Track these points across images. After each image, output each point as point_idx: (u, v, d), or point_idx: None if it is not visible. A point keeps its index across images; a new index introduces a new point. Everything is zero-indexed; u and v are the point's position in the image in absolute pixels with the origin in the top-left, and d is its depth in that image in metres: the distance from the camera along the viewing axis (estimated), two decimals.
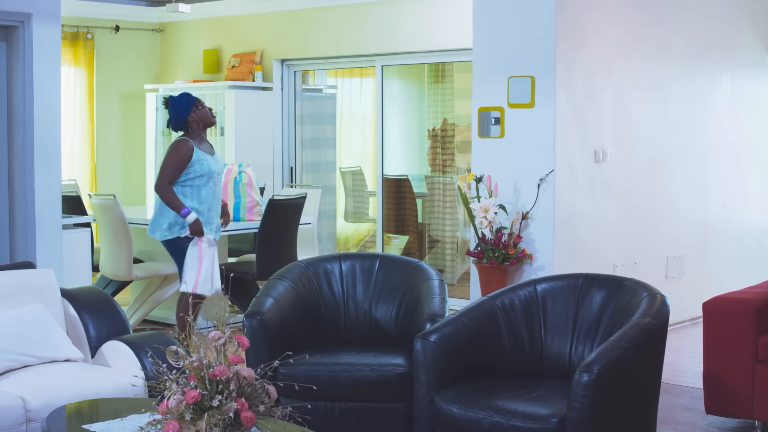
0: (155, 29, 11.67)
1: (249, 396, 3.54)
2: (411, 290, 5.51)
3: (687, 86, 8.43)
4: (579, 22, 7.29)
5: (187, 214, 6.66)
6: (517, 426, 4.29)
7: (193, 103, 6.79)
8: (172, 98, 6.83)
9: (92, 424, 4.03)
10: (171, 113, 6.80)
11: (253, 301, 5.30)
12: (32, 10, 6.67)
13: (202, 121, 6.82)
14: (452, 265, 10.26)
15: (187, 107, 6.78)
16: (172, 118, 6.80)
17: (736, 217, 9.08)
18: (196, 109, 6.80)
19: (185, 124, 6.79)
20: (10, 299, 5.15)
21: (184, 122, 6.79)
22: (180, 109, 6.77)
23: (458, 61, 9.83)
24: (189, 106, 6.78)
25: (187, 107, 6.78)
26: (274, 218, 7.81)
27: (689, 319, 8.46)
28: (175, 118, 6.79)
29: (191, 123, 6.79)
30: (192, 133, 6.81)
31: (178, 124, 6.80)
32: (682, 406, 6.18)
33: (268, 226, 7.80)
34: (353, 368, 5.05)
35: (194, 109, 6.79)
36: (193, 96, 6.85)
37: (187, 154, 6.69)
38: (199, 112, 6.80)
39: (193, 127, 6.79)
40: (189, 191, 6.74)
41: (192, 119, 6.78)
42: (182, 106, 6.78)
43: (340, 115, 11.32)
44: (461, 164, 10.27)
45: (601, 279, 5.04)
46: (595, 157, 7.48)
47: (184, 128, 6.81)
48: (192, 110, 6.78)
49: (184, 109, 6.77)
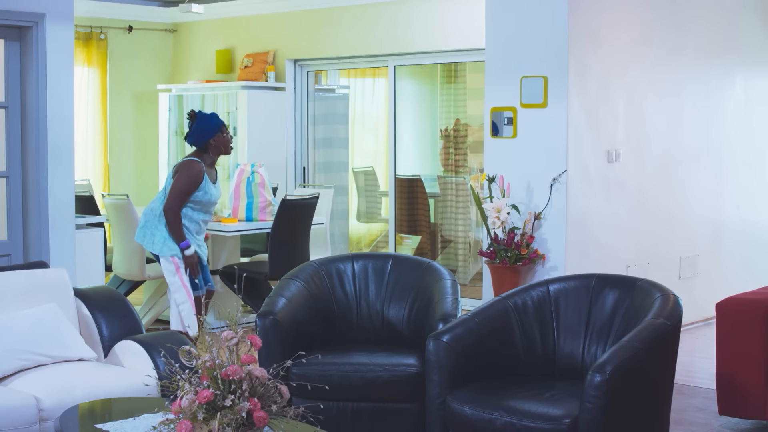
0: (168, 29, 11.69)
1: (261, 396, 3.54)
2: (423, 290, 5.51)
3: (700, 87, 8.41)
4: (592, 22, 7.27)
5: (186, 247, 6.69)
6: (530, 426, 4.29)
7: (220, 127, 6.78)
8: (201, 114, 6.81)
9: (105, 423, 4.04)
10: (196, 129, 6.75)
11: (265, 301, 5.30)
12: (46, 11, 6.69)
13: (222, 147, 6.82)
14: (465, 266, 10.26)
15: (214, 129, 6.75)
16: (196, 133, 6.74)
17: (749, 218, 9.06)
18: (221, 134, 6.79)
19: (205, 145, 6.77)
20: (24, 299, 5.17)
21: (206, 143, 6.76)
22: (207, 128, 6.74)
23: (471, 61, 9.82)
24: (216, 129, 6.76)
25: (214, 129, 6.75)
26: (287, 218, 7.82)
27: (702, 319, 8.44)
28: (198, 135, 6.74)
29: (211, 145, 6.78)
30: (206, 156, 6.79)
31: (198, 142, 6.76)
32: (695, 407, 6.16)
33: (281, 226, 7.81)
34: (366, 368, 5.05)
35: (218, 133, 6.77)
36: (221, 120, 6.84)
37: (198, 177, 6.69)
38: (221, 138, 6.79)
39: (211, 150, 6.79)
40: (184, 211, 6.75)
41: (213, 143, 6.77)
42: (210, 126, 6.74)
43: (353, 115, 11.32)
44: (474, 164, 10.27)
45: (614, 279, 5.03)
46: (608, 158, 7.46)
47: (203, 148, 6.78)
48: (216, 134, 6.77)
49: (211, 130, 6.74)
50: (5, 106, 6.72)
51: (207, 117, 6.79)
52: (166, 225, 6.72)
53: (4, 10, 6.53)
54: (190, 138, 6.78)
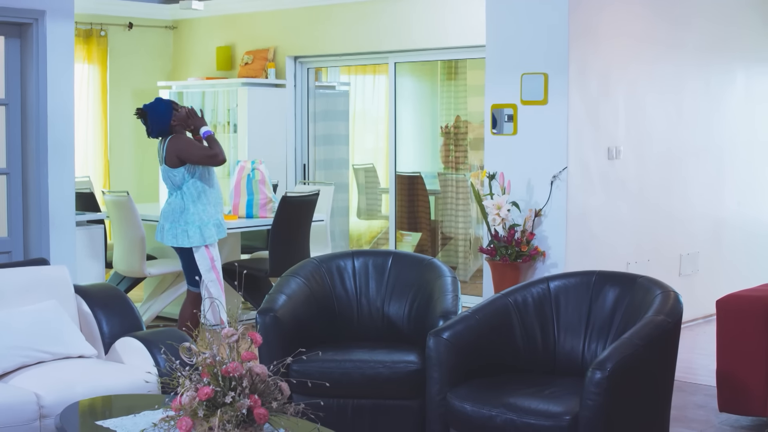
0: (168, 26, 11.69)
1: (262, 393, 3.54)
2: (424, 287, 5.51)
3: (700, 84, 8.41)
4: (592, 19, 7.27)
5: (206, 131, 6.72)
6: (530, 423, 4.29)
7: (170, 107, 6.74)
8: (148, 106, 6.75)
9: (105, 420, 4.04)
10: (152, 122, 6.70)
11: (266, 298, 5.30)
12: (46, 8, 6.68)
13: (184, 123, 6.78)
14: (465, 263, 10.26)
15: (167, 113, 6.71)
16: (156, 125, 6.70)
17: (750, 215, 9.06)
18: (175, 112, 6.75)
19: (169, 130, 6.73)
20: (24, 296, 5.17)
21: (168, 128, 6.72)
22: (161, 115, 6.69)
23: (471, 58, 9.82)
24: (168, 111, 6.72)
25: (167, 113, 6.71)
26: (287, 215, 7.82)
27: (703, 316, 8.44)
28: (159, 126, 6.71)
29: (174, 126, 6.74)
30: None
31: (162, 131, 6.73)
32: (695, 404, 6.17)
33: (281, 223, 7.81)
34: (366, 365, 5.05)
35: (173, 113, 6.74)
36: (166, 100, 6.79)
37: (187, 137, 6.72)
38: (178, 115, 6.76)
39: (177, 130, 6.75)
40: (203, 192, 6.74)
41: (174, 123, 6.74)
42: (161, 112, 6.70)
43: (353, 112, 11.32)
44: (474, 161, 10.26)
45: (615, 276, 5.03)
46: (608, 154, 7.46)
47: (169, 132, 6.75)
48: (172, 115, 6.73)
49: (165, 115, 6.70)
50: (5, 103, 6.72)
51: (154, 106, 6.73)
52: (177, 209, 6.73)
53: (5, 7, 6.53)
54: (154, 132, 6.74)
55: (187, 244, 6.76)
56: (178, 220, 6.76)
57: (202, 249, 6.77)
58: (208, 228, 6.77)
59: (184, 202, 6.74)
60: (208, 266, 6.80)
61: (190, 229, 6.74)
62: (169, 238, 6.79)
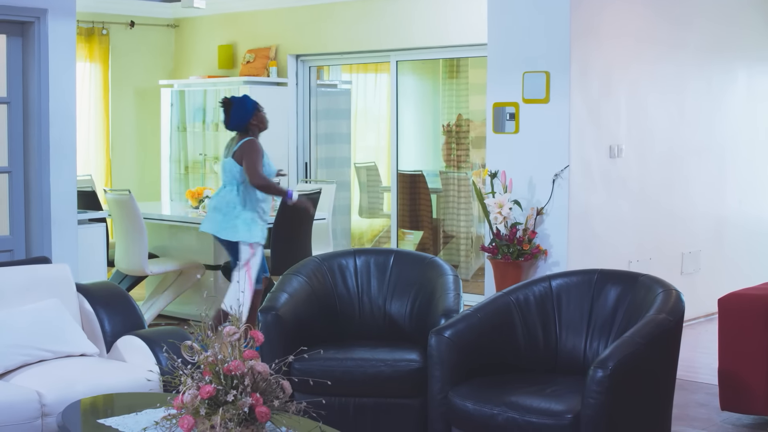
0: (170, 25, 11.68)
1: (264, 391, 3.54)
2: (425, 286, 5.51)
3: (702, 83, 8.41)
4: (594, 18, 7.27)
5: (292, 195, 7.00)
6: (532, 422, 4.29)
7: (256, 107, 7.06)
8: (235, 99, 7.07)
9: (107, 418, 4.04)
10: (234, 114, 7.01)
11: (267, 297, 5.31)
12: (48, 6, 6.69)
13: (261, 125, 7.09)
14: (467, 261, 10.26)
15: (251, 111, 7.02)
16: (236, 119, 7.01)
17: (751, 213, 9.05)
18: (258, 113, 7.06)
19: (246, 126, 7.02)
20: (26, 294, 5.17)
21: (247, 124, 7.02)
22: (244, 112, 7.00)
23: (473, 57, 9.81)
24: (253, 110, 7.03)
25: (251, 111, 7.02)
26: (289, 214, 7.81)
27: (704, 315, 8.44)
28: (238, 119, 7.01)
29: (252, 126, 7.04)
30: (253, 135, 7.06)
31: (240, 126, 7.03)
32: (697, 403, 6.17)
33: (283, 222, 7.81)
34: (368, 363, 5.06)
35: (256, 112, 7.05)
36: (254, 100, 7.10)
37: (262, 150, 6.99)
38: (259, 117, 7.07)
39: (254, 130, 7.06)
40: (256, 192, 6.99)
41: (253, 122, 7.04)
42: (246, 109, 7.01)
43: (355, 111, 11.32)
44: (476, 160, 10.26)
45: (616, 275, 5.03)
46: (610, 153, 7.46)
47: (245, 130, 7.04)
48: (254, 114, 7.03)
49: (249, 112, 7.01)
50: (7, 101, 6.72)
51: (242, 101, 7.06)
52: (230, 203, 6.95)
53: (6, 5, 6.53)
54: (231, 124, 7.05)
55: (233, 238, 6.97)
56: (230, 213, 6.99)
57: (246, 246, 6.98)
58: (256, 225, 6.99)
59: (238, 197, 6.98)
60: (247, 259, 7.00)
61: (240, 225, 6.96)
62: (219, 229, 7.01)
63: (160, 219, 8.58)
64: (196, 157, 11.14)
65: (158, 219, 8.57)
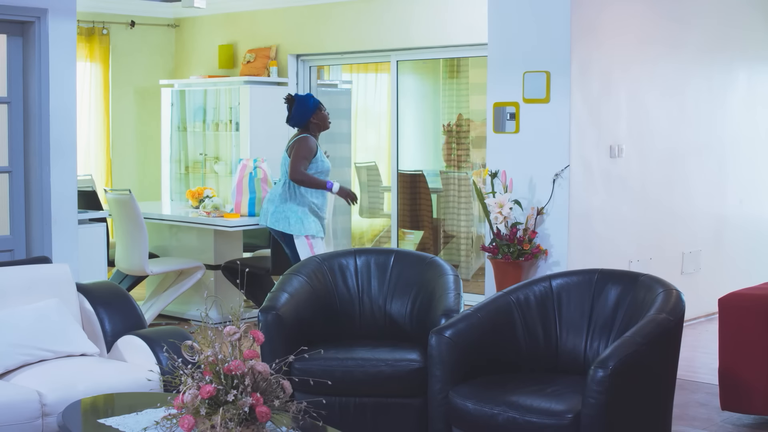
0: (170, 24, 11.68)
1: (264, 391, 3.55)
2: (426, 286, 5.51)
3: (703, 83, 8.40)
4: (595, 18, 7.27)
5: (332, 186, 7.18)
6: (532, 422, 4.29)
7: (318, 105, 7.27)
8: (298, 96, 7.28)
9: (108, 418, 4.04)
10: (296, 111, 7.24)
11: (268, 296, 5.30)
12: (48, 6, 6.69)
13: (322, 124, 7.29)
14: (467, 261, 10.26)
15: (313, 109, 7.24)
16: (297, 116, 7.24)
17: (752, 213, 9.05)
18: (319, 112, 7.27)
19: (306, 124, 7.24)
20: (27, 294, 5.17)
21: (307, 122, 7.25)
22: (306, 109, 7.24)
23: (473, 57, 9.81)
24: (314, 108, 7.26)
25: (313, 109, 7.24)
26: None
27: (705, 315, 8.44)
28: (299, 116, 7.24)
29: (312, 124, 7.26)
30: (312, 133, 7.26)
31: (300, 123, 7.26)
32: (697, 402, 6.16)
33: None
34: (368, 363, 5.05)
35: (317, 111, 7.26)
36: (317, 99, 7.31)
37: (314, 147, 7.18)
38: (320, 115, 7.28)
39: (313, 128, 7.27)
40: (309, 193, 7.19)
41: (313, 121, 7.25)
42: (308, 107, 7.24)
43: (355, 111, 11.32)
44: (476, 159, 10.26)
45: (617, 275, 5.03)
46: (610, 153, 7.46)
47: (305, 128, 7.26)
48: (315, 112, 7.25)
49: (310, 110, 7.24)
50: (8, 101, 6.72)
51: (304, 99, 7.27)
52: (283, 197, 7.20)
53: (7, 5, 6.53)
54: (292, 120, 7.29)
55: (287, 230, 7.18)
56: (282, 206, 7.22)
57: (303, 238, 7.16)
58: (308, 218, 7.17)
59: (288, 191, 7.21)
60: (307, 252, 7.16)
61: (291, 217, 7.18)
62: (272, 221, 7.24)
63: (160, 219, 8.58)
64: (197, 157, 11.15)
65: (158, 219, 8.57)
